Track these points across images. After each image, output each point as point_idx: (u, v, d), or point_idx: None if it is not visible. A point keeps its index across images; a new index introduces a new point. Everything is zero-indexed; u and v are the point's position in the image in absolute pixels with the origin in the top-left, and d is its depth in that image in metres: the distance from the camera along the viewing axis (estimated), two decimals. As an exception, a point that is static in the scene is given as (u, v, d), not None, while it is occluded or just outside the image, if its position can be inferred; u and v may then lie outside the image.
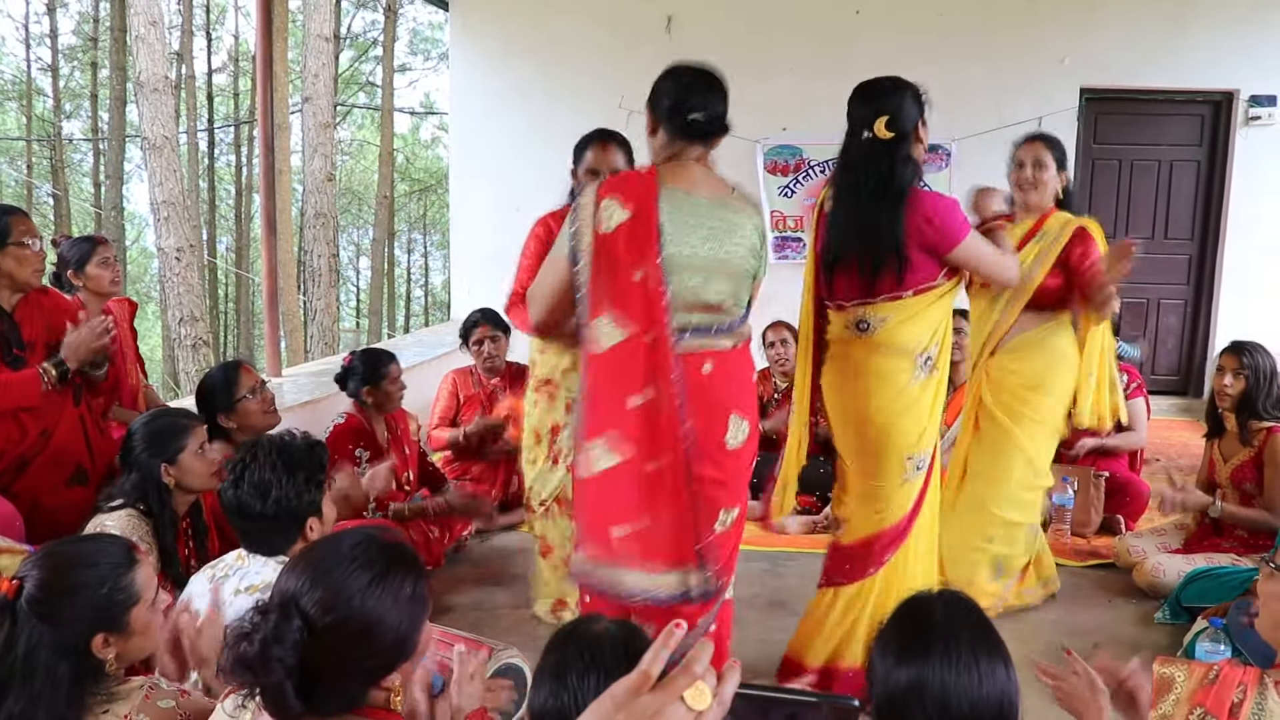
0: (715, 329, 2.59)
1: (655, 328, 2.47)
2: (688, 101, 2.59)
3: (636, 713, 0.89)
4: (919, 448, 3.11)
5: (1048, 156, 3.83)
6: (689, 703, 0.89)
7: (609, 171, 3.48)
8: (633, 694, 0.90)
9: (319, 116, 12.88)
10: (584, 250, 2.51)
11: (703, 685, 0.90)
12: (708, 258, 2.54)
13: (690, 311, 2.53)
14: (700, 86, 2.62)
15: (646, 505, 2.52)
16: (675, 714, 0.88)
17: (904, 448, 3.07)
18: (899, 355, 3.05)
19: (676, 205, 2.52)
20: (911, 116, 3.00)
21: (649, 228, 2.48)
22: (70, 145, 23.11)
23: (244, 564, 2.41)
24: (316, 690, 1.50)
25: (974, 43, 7.44)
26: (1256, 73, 7.41)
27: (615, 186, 2.57)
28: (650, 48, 7.57)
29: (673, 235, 2.49)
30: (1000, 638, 1.64)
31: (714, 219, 2.56)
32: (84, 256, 3.99)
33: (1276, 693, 1.82)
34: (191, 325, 10.89)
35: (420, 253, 30.62)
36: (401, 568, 1.60)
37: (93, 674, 1.84)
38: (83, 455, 3.35)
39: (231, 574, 2.39)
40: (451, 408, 5.29)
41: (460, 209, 8.29)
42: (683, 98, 2.60)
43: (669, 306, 2.47)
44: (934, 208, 2.98)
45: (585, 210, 2.53)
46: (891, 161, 2.97)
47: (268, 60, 5.95)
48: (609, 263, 2.49)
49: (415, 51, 26.75)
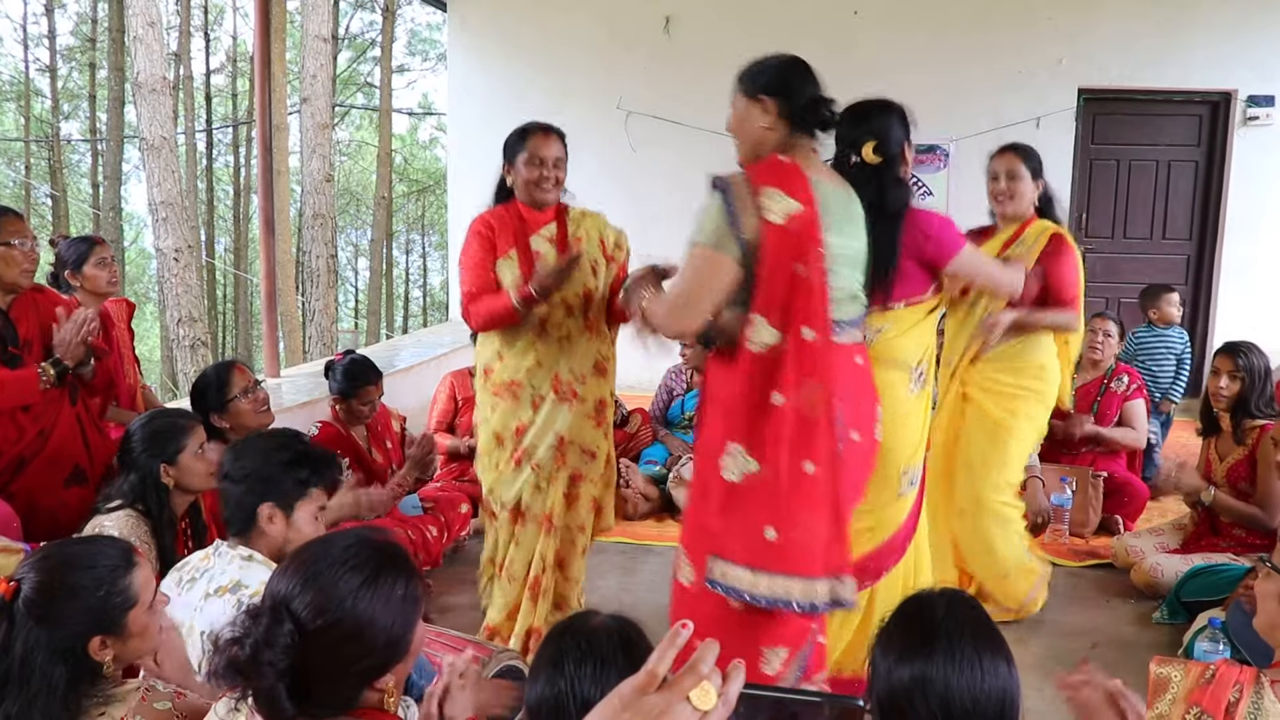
0: (858, 321, 2.61)
1: (817, 322, 2.41)
2: (823, 95, 2.57)
3: (643, 712, 0.89)
4: (914, 460, 3.11)
5: (1021, 167, 3.81)
6: (694, 702, 0.89)
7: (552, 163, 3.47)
8: (639, 693, 0.91)
9: (317, 117, 12.88)
10: (750, 243, 2.39)
11: (708, 685, 0.90)
12: (856, 249, 2.55)
13: (845, 304, 2.52)
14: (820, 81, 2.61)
15: (804, 509, 2.43)
16: (681, 713, 0.89)
17: (901, 460, 3.05)
18: (897, 368, 3.06)
19: (824, 196, 2.46)
20: (898, 139, 3.00)
21: (814, 219, 2.41)
22: (68, 146, 23.14)
23: (210, 563, 2.38)
24: (310, 693, 1.49)
25: (972, 43, 7.45)
26: (1254, 73, 7.42)
27: (770, 177, 2.43)
28: (648, 48, 7.58)
29: (828, 226, 2.44)
30: (1001, 636, 1.65)
31: (850, 209, 2.56)
32: (81, 257, 3.99)
33: (1273, 692, 1.82)
34: (190, 326, 10.89)
35: (419, 253, 30.63)
36: (393, 569, 1.59)
37: (90, 676, 1.83)
38: (80, 455, 3.34)
39: (199, 576, 2.37)
40: (449, 410, 5.29)
41: (458, 209, 8.28)
42: (817, 91, 2.57)
43: (832, 300, 2.44)
44: (930, 223, 3.02)
45: (743, 201, 2.40)
46: (881, 185, 2.94)
47: (265, 61, 5.95)
48: (774, 256, 2.39)
49: (413, 52, 26.79)
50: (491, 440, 3.47)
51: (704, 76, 7.40)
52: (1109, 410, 5.12)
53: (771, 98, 2.53)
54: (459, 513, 4.64)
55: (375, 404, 4.45)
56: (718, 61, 7.69)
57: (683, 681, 0.90)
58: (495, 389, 3.44)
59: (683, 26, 7.61)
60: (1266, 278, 7.67)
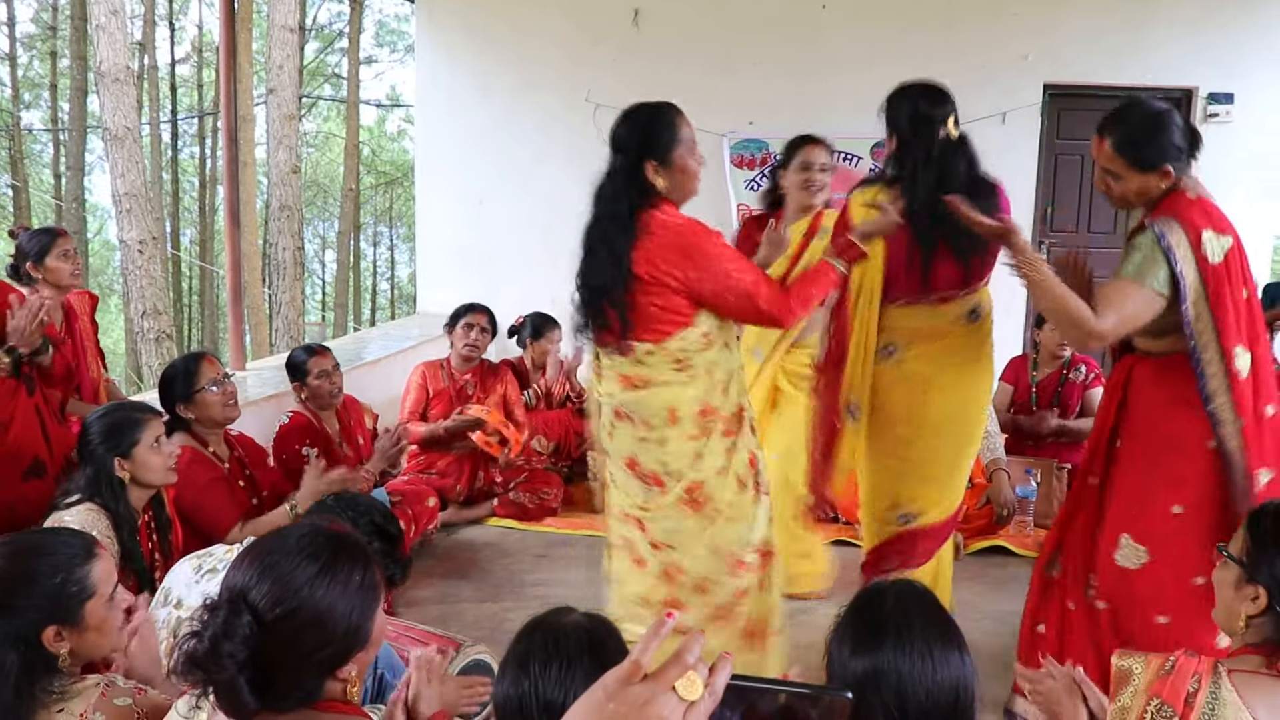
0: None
1: (1261, 338, 2.68)
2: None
3: (628, 702, 0.88)
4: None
5: (827, 157, 4.06)
6: (680, 693, 0.89)
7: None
8: (623, 683, 0.90)
9: (283, 108, 12.76)
10: (1191, 286, 2.60)
11: (694, 675, 0.89)
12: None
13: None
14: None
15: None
16: (666, 704, 0.88)
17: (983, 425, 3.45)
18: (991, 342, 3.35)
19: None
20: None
21: (1241, 248, 2.68)
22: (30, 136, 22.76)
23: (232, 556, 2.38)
24: (271, 685, 1.49)
25: (938, 39, 7.48)
26: (1215, 70, 7.50)
27: (1205, 219, 2.67)
28: (616, 41, 7.57)
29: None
30: (955, 625, 1.67)
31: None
32: (44, 249, 3.94)
33: (1229, 681, 1.85)
34: (154, 318, 10.76)
35: (386, 246, 30.45)
36: (349, 557, 1.58)
37: (44, 667, 1.82)
38: (40, 447, 3.30)
39: (220, 567, 2.37)
40: (422, 400, 5.27)
41: (426, 202, 8.24)
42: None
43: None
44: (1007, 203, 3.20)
45: (1183, 249, 2.61)
46: (971, 157, 3.19)
47: (231, 51, 5.90)
48: (1229, 291, 2.61)
49: (381, 43, 26.61)
50: (731, 483, 2.93)
51: (672, 69, 7.41)
52: (1070, 401, 5.18)
53: (1170, 164, 2.76)
54: (426, 506, 4.64)
55: (333, 378, 4.47)
56: (686, 54, 7.74)
57: (668, 672, 0.89)
58: (726, 427, 2.93)
59: (651, 19, 7.60)
60: (1227, 272, 7.77)
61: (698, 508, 2.90)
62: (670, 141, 2.83)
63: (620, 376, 2.91)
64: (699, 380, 2.85)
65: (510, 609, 4.01)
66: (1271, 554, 1.86)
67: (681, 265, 2.75)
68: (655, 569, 2.99)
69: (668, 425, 2.87)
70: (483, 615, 3.96)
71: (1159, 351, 2.80)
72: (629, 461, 2.97)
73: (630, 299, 2.79)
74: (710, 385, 2.87)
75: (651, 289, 2.77)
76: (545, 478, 5.34)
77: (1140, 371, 2.85)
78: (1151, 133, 2.79)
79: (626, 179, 2.83)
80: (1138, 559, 2.74)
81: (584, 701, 0.91)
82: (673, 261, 2.75)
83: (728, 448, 2.91)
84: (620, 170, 2.85)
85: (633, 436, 2.93)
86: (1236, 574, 1.92)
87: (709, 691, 0.90)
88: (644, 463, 2.93)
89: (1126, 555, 2.76)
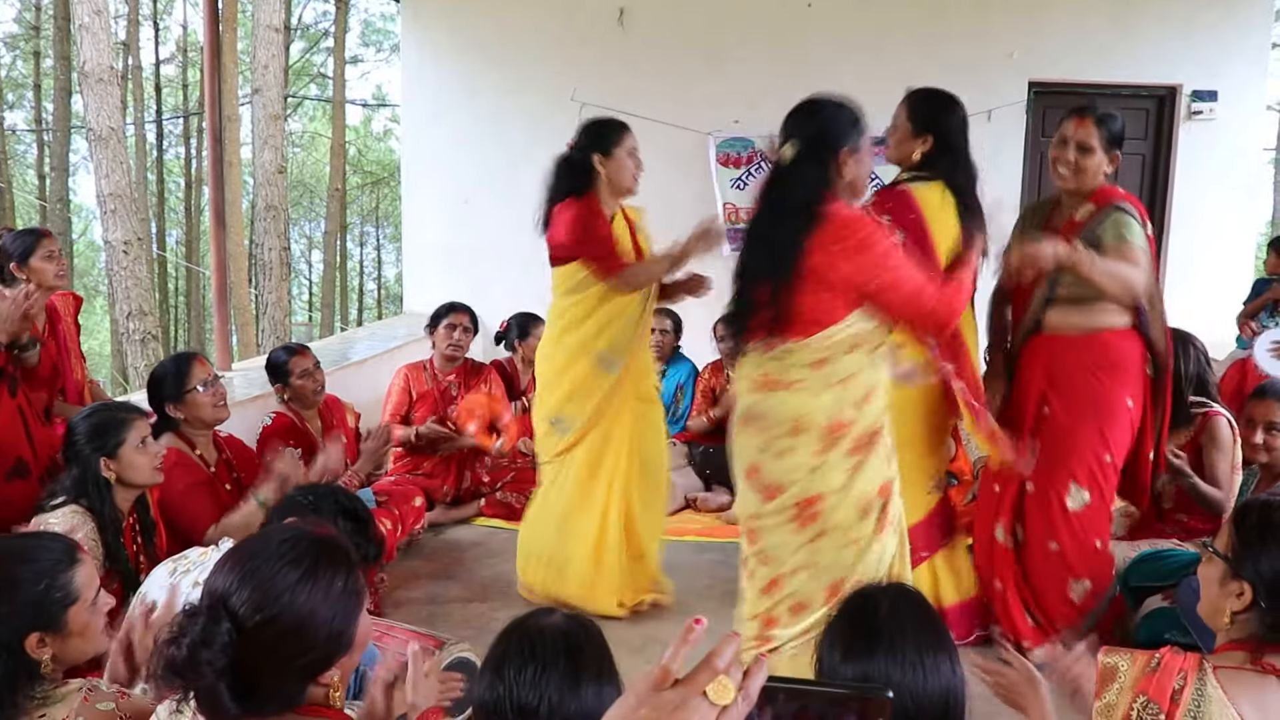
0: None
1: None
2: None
3: (659, 708, 0.88)
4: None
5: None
6: (711, 697, 0.88)
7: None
8: (654, 689, 0.89)
9: (269, 108, 12.72)
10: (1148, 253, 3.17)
11: (725, 680, 0.89)
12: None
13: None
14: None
15: None
16: (698, 709, 0.87)
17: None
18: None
19: None
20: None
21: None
22: (13, 136, 22.65)
23: (207, 559, 2.37)
24: (252, 690, 1.47)
25: (924, 36, 7.49)
26: (1199, 69, 7.53)
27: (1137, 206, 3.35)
28: (602, 40, 7.56)
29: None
30: (947, 632, 1.67)
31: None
32: (28, 250, 3.91)
33: (1214, 678, 1.85)
34: (140, 320, 10.72)
35: (373, 246, 30.40)
36: (332, 562, 1.56)
37: (26, 674, 1.80)
38: (23, 448, 3.28)
39: (193, 569, 2.36)
40: (403, 404, 5.26)
41: (413, 202, 8.22)
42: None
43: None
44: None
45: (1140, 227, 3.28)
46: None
47: (215, 51, 5.88)
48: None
49: (367, 43, 26.56)
50: (854, 509, 2.80)
51: (658, 68, 7.41)
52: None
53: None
54: (412, 506, 4.63)
55: (315, 377, 4.46)
56: (672, 54, 7.73)
57: (698, 677, 0.89)
58: (854, 445, 2.79)
59: (636, 19, 7.59)
60: (1209, 270, 7.80)
61: (805, 523, 2.78)
62: (858, 137, 2.82)
63: (750, 379, 2.83)
64: (831, 389, 2.74)
65: (497, 609, 4.00)
66: (1256, 550, 1.87)
67: (852, 258, 2.67)
68: (760, 582, 2.89)
69: (791, 436, 2.76)
70: (470, 615, 3.96)
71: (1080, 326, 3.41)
72: (750, 469, 2.87)
73: (792, 293, 2.70)
74: (843, 397, 2.75)
75: (812, 283, 2.69)
76: (532, 477, 5.32)
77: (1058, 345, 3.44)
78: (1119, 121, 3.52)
79: (815, 169, 2.77)
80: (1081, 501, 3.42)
81: (616, 708, 0.91)
82: (843, 254, 2.67)
83: (851, 466, 2.77)
84: (806, 161, 2.77)
85: (756, 444, 2.83)
86: (1221, 570, 1.92)
87: (742, 695, 0.89)
88: (764, 473, 2.83)
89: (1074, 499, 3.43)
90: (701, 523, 5.12)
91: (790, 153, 2.77)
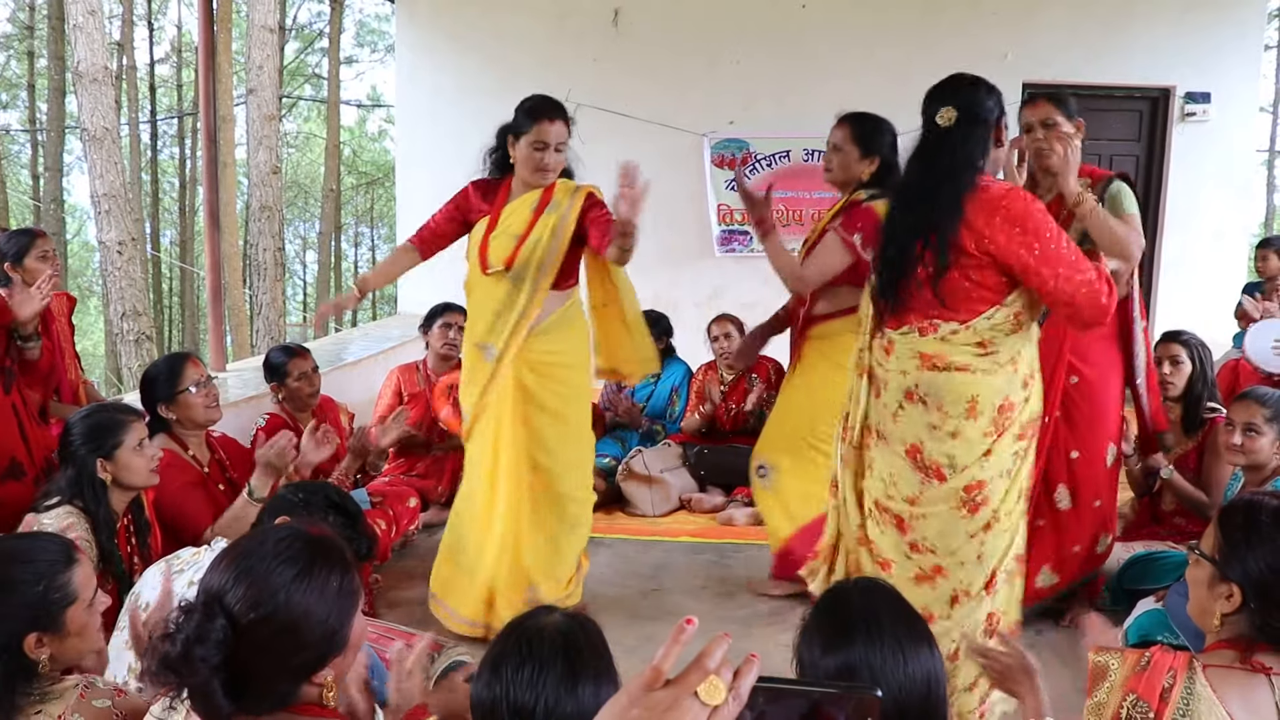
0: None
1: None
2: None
3: (650, 708, 0.88)
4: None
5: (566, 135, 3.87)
6: (703, 697, 0.89)
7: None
8: (645, 689, 0.90)
9: (264, 109, 12.71)
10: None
11: (716, 680, 0.89)
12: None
13: None
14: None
15: None
16: (690, 709, 0.88)
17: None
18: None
19: None
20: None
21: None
22: (7, 136, 22.62)
23: (200, 558, 2.38)
24: (246, 688, 1.47)
25: (918, 38, 7.51)
26: (1192, 70, 7.57)
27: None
28: (597, 40, 7.58)
29: None
30: (921, 620, 1.70)
31: None
32: (22, 250, 3.92)
33: (1204, 677, 1.86)
34: (134, 320, 10.70)
35: (367, 246, 30.36)
36: (328, 561, 1.57)
37: (24, 674, 1.81)
38: (17, 448, 3.28)
39: (187, 568, 2.37)
40: (393, 406, 5.24)
41: (407, 202, 8.23)
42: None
43: None
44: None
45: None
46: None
47: (210, 51, 5.88)
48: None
49: (362, 43, 26.55)
50: (1015, 498, 2.81)
51: (653, 69, 7.43)
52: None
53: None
54: (407, 506, 4.62)
55: (312, 379, 4.47)
56: (666, 55, 7.74)
57: (689, 677, 0.89)
58: (1021, 431, 2.78)
59: (631, 19, 7.61)
60: (1202, 270, 7.83)
61: (975, 509, 2.72)
62: (1004, 114, 2.87)
63: (919, 354, 2.73)
64: (1003, 369, 2.70)
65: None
66: (1243, 551, 1.87)
67: (1007, 232, 2.60)
68: (907, 572, 2.79)
69: (965, 417, 2.69)
70: (465, 616, 3.95)
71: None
72: (912, 448, 2.76)
73: (948, 271, 2.65)
74: (1012, 378, 2.71)
75: (970, 261, 2.64)
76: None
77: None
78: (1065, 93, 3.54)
79: (975, 137, 2.75)
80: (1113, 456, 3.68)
81: (608, 708, 0.92)
82: (1000, 229, 2.61)
83: (1018, 452, 2.75)
84: (965, 126, 2.76)
85: (924, 421, 2.73)
86: (1210, 572, 1.93)
87: (733, 695, 0.90)
88: (929, 451, 2.73)
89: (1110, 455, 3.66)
90: (696, 524, 5.12)
91: (947, 119, 2.77)
